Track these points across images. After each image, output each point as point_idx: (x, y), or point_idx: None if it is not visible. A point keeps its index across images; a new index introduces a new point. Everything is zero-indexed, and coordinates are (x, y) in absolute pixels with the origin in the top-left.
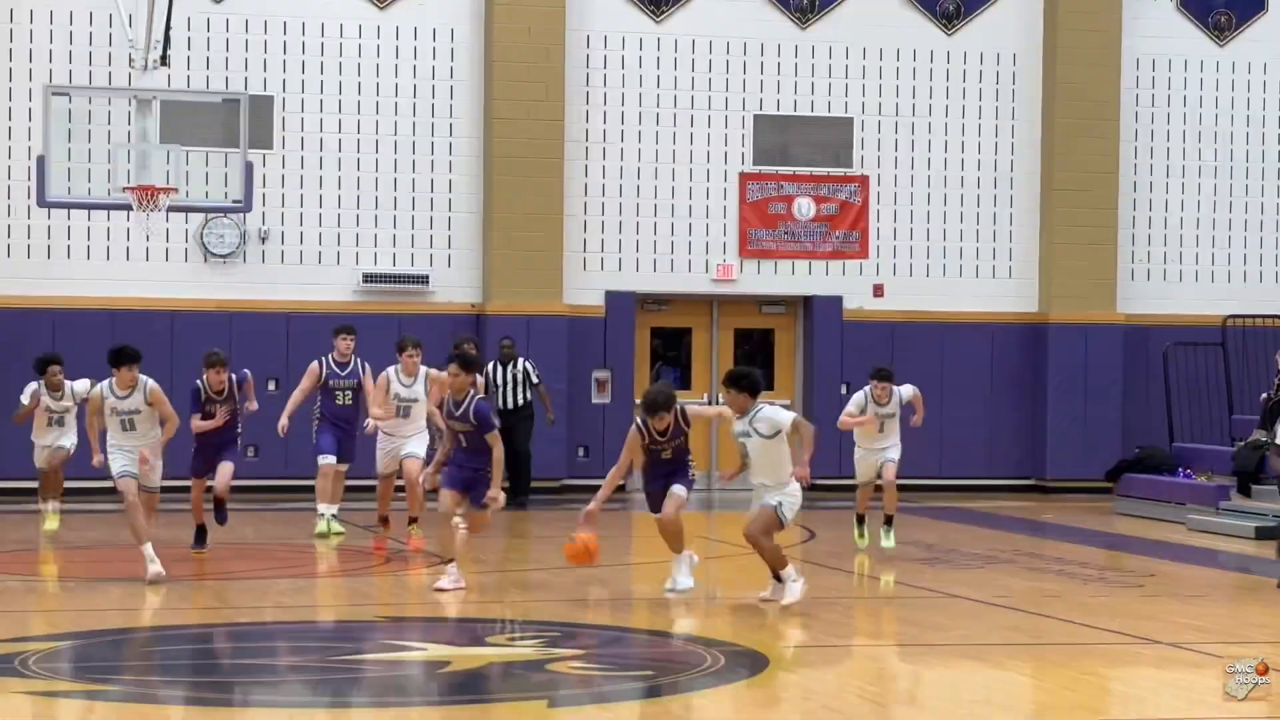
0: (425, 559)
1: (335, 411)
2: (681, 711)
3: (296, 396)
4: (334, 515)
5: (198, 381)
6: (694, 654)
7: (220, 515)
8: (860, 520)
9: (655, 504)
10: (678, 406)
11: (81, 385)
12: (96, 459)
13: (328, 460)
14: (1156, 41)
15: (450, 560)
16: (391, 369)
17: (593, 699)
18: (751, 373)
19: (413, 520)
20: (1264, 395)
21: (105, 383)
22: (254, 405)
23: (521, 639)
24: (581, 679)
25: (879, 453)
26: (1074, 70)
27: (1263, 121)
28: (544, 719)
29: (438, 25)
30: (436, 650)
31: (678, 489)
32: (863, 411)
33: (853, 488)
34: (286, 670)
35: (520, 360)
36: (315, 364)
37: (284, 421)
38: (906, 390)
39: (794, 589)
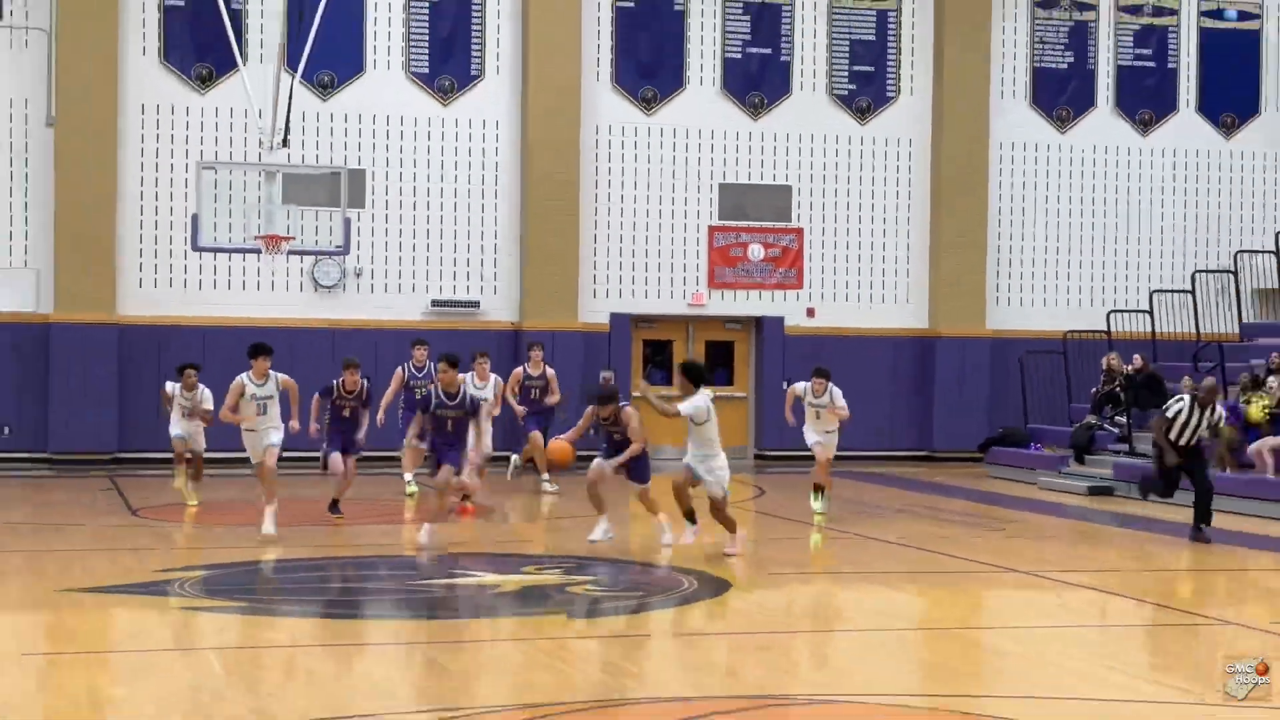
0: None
1: (415, 404)
2: (664, 622)
3: (388, 396)
4: (410, 479)
5: (333, 382)
6: (675, 579)
7: (334, 508)
8: (818, 491)
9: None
10: (619, 405)
11: (209, 394)
12: (233, 417)
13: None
14: (1015, 129)
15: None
16: (469, 375)
17: (599, 613)
18: (697, 367)
19: (466, 497)
20: (1093, 389)
21: (244, 374)
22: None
23: (548, 569)
24: (591, 598)
25: (823, 435)
26: (954, 150)
27: (1092, 189)
28: (563, 627)
29: (486, 118)
30: (488, 577)
31: (638, 486)
32: (799, 398)
33: (791, 457)
34: (380, 591)
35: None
36: (400, 369)
37: (380, 416)
38: (839, 396)
39: (689, 536)
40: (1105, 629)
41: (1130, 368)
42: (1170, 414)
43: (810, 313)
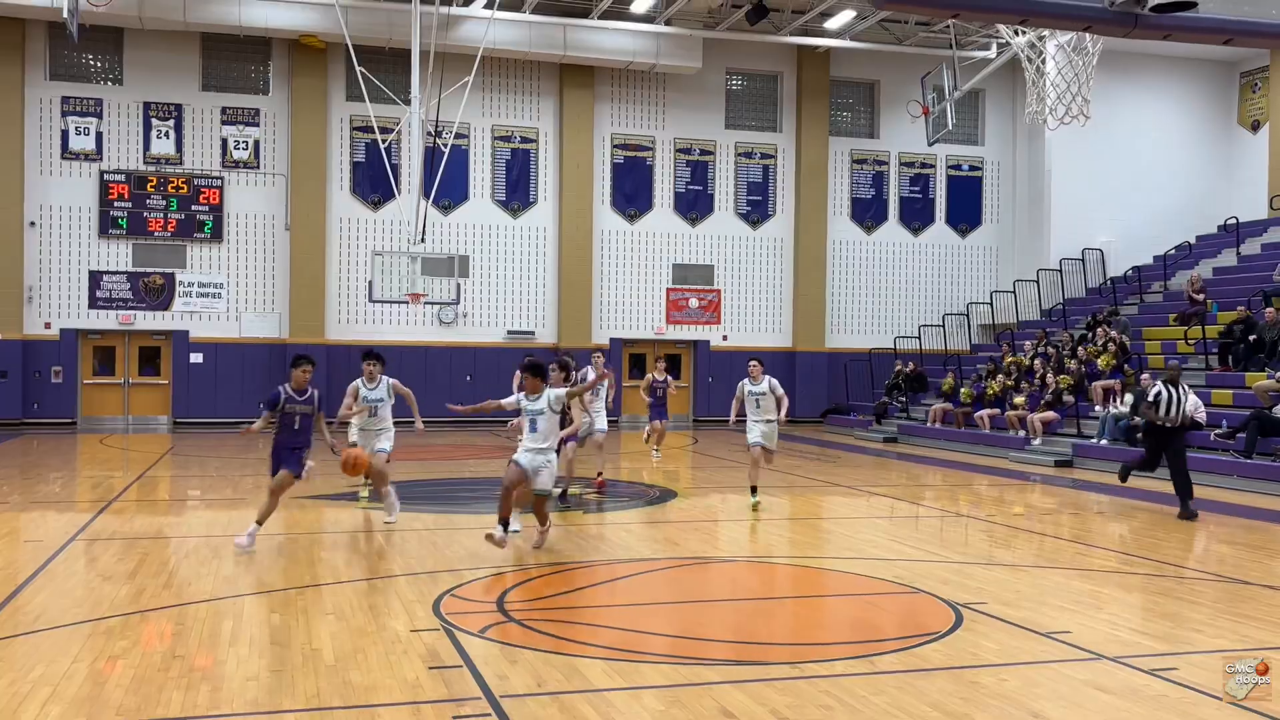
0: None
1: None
2: (644, 515)
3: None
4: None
5: (515, 379)
6: (645, 491)
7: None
8: (754, 490)
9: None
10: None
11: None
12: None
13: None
14: (841, 233)
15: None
16: (587, 369)
17: (601, 510)
18: (541, 365)
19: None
20: (886, 382)
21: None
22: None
23: (570, 487)
24: (596, 501)
25: (761, 425)
26: (807, 244)
27: (886, 266)
28: (582, 521)
29: (539, 225)
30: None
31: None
32: (742, 399)
33: (713, 422)
34: (468, 499)
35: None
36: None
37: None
38: (778, 386)
39: (533, 537)
40: (892, 519)
41: (906, 369)
42: (1151, 397)
43: (725, 338)
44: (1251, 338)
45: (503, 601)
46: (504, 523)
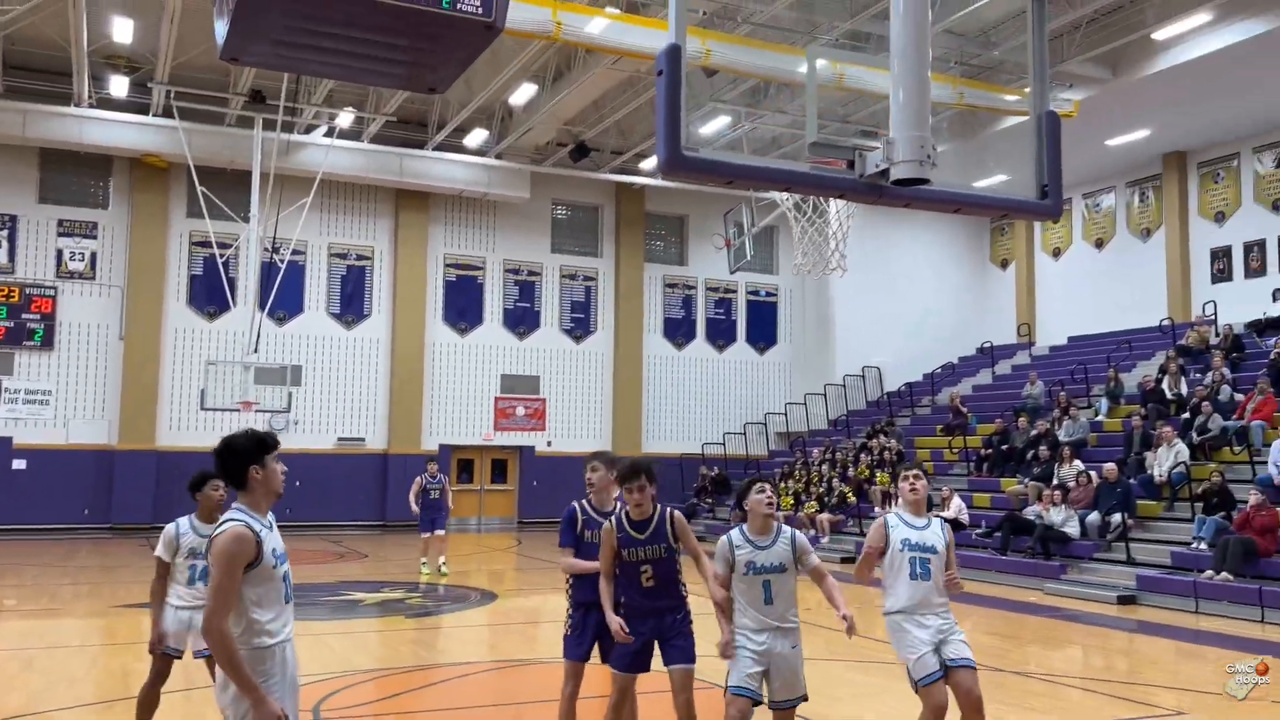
0: None
1: (425, 501)
2: (458, 618)
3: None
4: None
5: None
6: (465, 594)
7: None
8: None
9: None
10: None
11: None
12: None
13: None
14: (655, 348)
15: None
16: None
17: (423, 614)
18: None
19: None
20: (695, 484)
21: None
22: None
23: (393, 591)
24: (420, 606)
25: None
26: (625, 357)
27: (696, 376)
28: (402, 626)
29: (372, 337)
30: (358, 595)
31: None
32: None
33: (535, 523)
34: (298, 602)
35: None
36: (419, 478)
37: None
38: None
39: None
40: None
41: (711, 474)
42: None
43: (549, 444)
44: (1005, 447)
45: (318, 710)
46: None
